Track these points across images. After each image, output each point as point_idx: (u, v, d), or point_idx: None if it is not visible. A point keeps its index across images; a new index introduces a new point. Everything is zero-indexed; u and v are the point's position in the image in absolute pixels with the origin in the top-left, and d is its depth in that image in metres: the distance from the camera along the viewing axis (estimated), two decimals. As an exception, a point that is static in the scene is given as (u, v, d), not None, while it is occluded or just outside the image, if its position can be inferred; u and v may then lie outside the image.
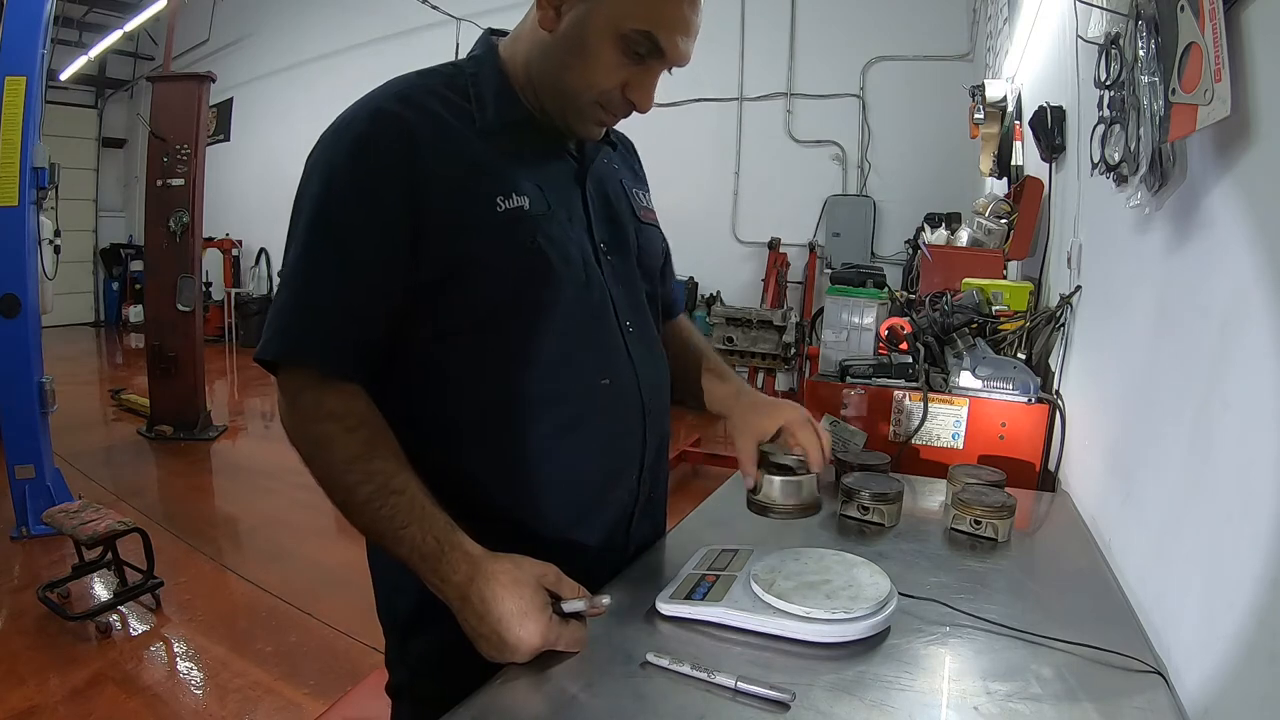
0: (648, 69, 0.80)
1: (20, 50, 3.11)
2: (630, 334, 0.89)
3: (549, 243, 0.80)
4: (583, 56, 0.78)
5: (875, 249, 6.49)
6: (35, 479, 3.26)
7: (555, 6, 0.78)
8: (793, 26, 6.70)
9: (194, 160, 4.92)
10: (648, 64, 0.79)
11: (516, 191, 0.79)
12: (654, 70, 0.80)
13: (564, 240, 0.83)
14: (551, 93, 0.83)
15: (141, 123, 6.46)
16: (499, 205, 0.78)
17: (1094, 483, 1.26)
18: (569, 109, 0.83)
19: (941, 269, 2.37)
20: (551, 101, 0.83)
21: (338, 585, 2.94)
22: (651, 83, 0.81)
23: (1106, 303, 1.36)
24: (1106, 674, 0.72)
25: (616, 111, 0.83)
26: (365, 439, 0.75)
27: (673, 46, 0.78)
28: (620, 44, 0.77)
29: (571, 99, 0.81)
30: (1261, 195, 0.72)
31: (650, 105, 0.82)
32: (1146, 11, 0.91)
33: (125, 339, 9.73)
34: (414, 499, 0.73)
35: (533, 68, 0.83)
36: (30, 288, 3.21)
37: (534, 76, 0.83)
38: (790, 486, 0.96)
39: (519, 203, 0.79)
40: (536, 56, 0.82)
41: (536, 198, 0.81)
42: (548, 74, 0.82)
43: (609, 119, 0.85)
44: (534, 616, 0.68)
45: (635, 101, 0.81)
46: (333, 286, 0.76)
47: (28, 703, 2.12)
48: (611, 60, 0.78)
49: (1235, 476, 0.71)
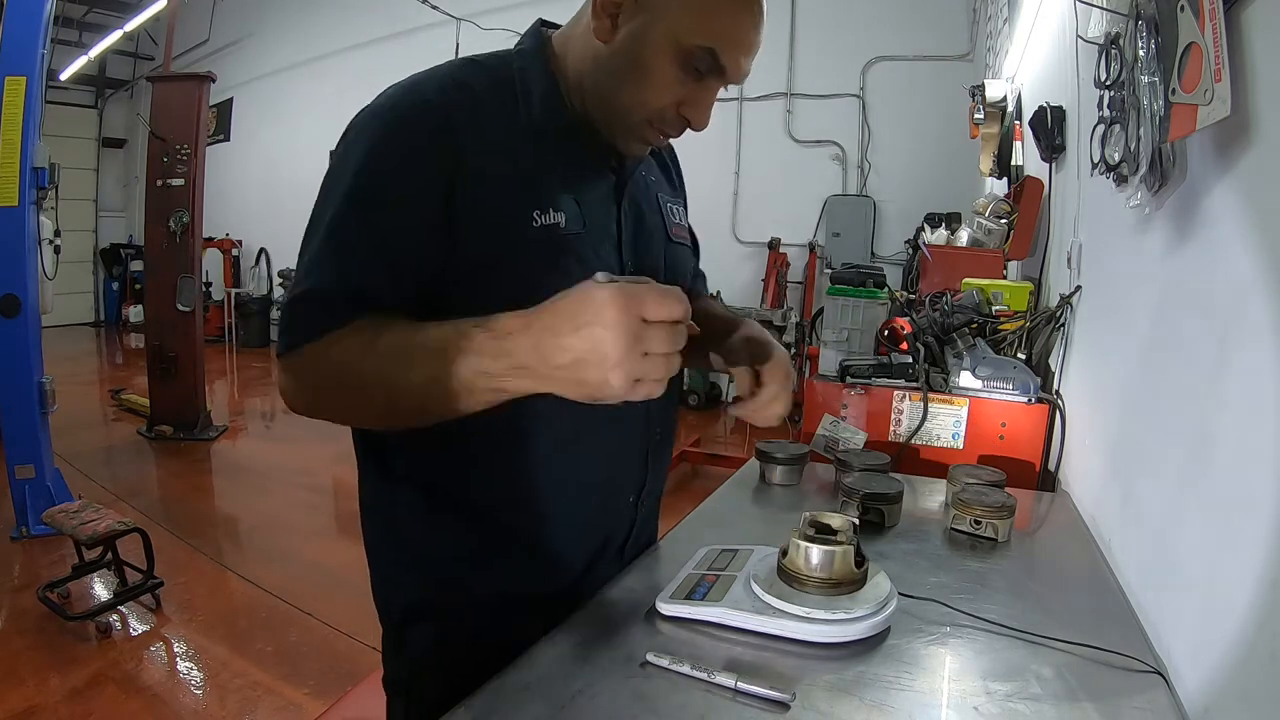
0: (705, 87, 0.76)
1: (20, 50, 3.11)
2: None
3: (579, 265, 0.77)
4: (640, 72, 0.75)
5: (875, 249, 6.49)
6: (35, 479, 3.26)
7: (611, 16, 0.75)
8: (793, 26, 6.70)
9: (194, 160, 4.93)
10: (706, 82, 0.76)
11: (554, 207, 0.76)
12: (712, 89, 0.77)
13: (592, 259, 0.79)
14: (603, 106, 0.79)
15: (141, 123, 6.46)
16: (535, 220, 0.75)
17: (1094, 483, 1.26)
18: (618, 125, 0.79)
19: (941, 269, 2.37)
20: (601, 115, 0.80)
21: (338, 585, 2.94)
22: (709, 102, 0.77)
23: (1106, 303, 1.36)
24: (1106, 674, 0.72)
25: (670, 131, 0.80)
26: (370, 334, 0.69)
27: (734, 65, 0.74)
28: (681, 60, 0.73)
29: (623, 115, 0.78)
30: (1261, 195, 0.72)
31: (706, 125, 0.79)
32: (1146, 11, 0.91)
33: (125, 339, 9.74)
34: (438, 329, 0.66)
35: (585, 78, 0.79)
36: (30, 288, 3.21)
37: (586, 87, 0.79)
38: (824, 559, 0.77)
39: (555, 219, 0.76)
40: (589, 67, 0.78)
41: (573, 216, 0.78)
42: (600, 86, 0.78)
43: (659, 139, 0.81)
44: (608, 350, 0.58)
45: (691, 120, 0.78)
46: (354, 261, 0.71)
47: (28, 703, 2.12)
48: (670, 77, 0.74)
49: (1235, 476, 0.71)
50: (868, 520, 1.09)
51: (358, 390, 0.70)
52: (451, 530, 0.83)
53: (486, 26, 6.90)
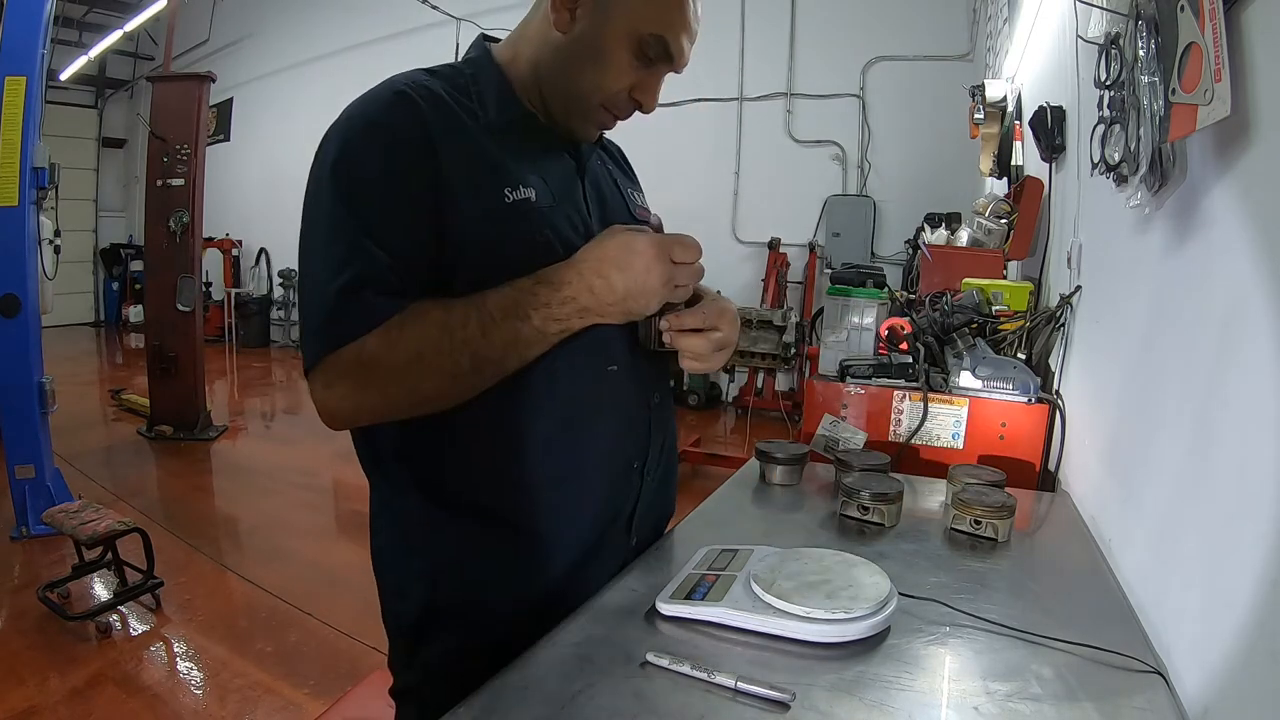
0: (654, 72, 0.85)
1: (20, 50, 3.11)
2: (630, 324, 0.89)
3: (555, 234, 0.82)
4: (597, 59, 0.82)
5: (875, 249, 6.49)
6: (35, 479, 3.26)
7: (570, 9, 0.81)
8: (793, 26, 6.70)
9: (194, 160, 4.93)
10: (655, 67, 0.84)
11: (523, 184, 0.81)
12: (660, 74, 0.85)
13: (568, 231, 0.84)
14: (559, 93, 0.85)
15: (141, 123, 6.46)
16: (507, 196, 0.79)
17: (1094, 483, 1.26)
18: (574, 110, 0.86)
19: (941, 269, 2.37)
20: (557, 102, 0.86)
21: (338, 585, 2.94)
22: (657, 85, 0.86)
23: (1106, 303, 1.36)
24: (1106, 674, 0.72)
25: (621, 113, 0.88)
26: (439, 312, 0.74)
27: (680, 51, 0.83)
28: (635, 47, 0.81)
29: (580, 100, 0.85)
30: (1261, 195, 0.72)
31: (655, 107, 0.87)
32: (1146, 11, 0.91)
33: (125, 339, 9.74)
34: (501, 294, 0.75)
35: (541, 68, 0.85)
36: (30, 288, 3.21)
37: (542, 77, 0.85)
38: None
39: (526, 194, 0.81)
40: (547, 57, 0.85)
41: (542, 191, 0.83)
42: (558, 74, 0.85)
43: (611, 121, 0.89)
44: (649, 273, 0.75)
45: (642, 103, 0.86)
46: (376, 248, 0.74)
47: (28, 703, 2.12)
48: (624, 63, 0.82)
49: (1235, 476, 0.71)
50: (868, 520, 1.09)
51: (440, 364, 0.73)
52: (460, 533, 0.83)
53: (486, 27, 6.90)
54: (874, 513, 1.09)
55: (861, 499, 1.09)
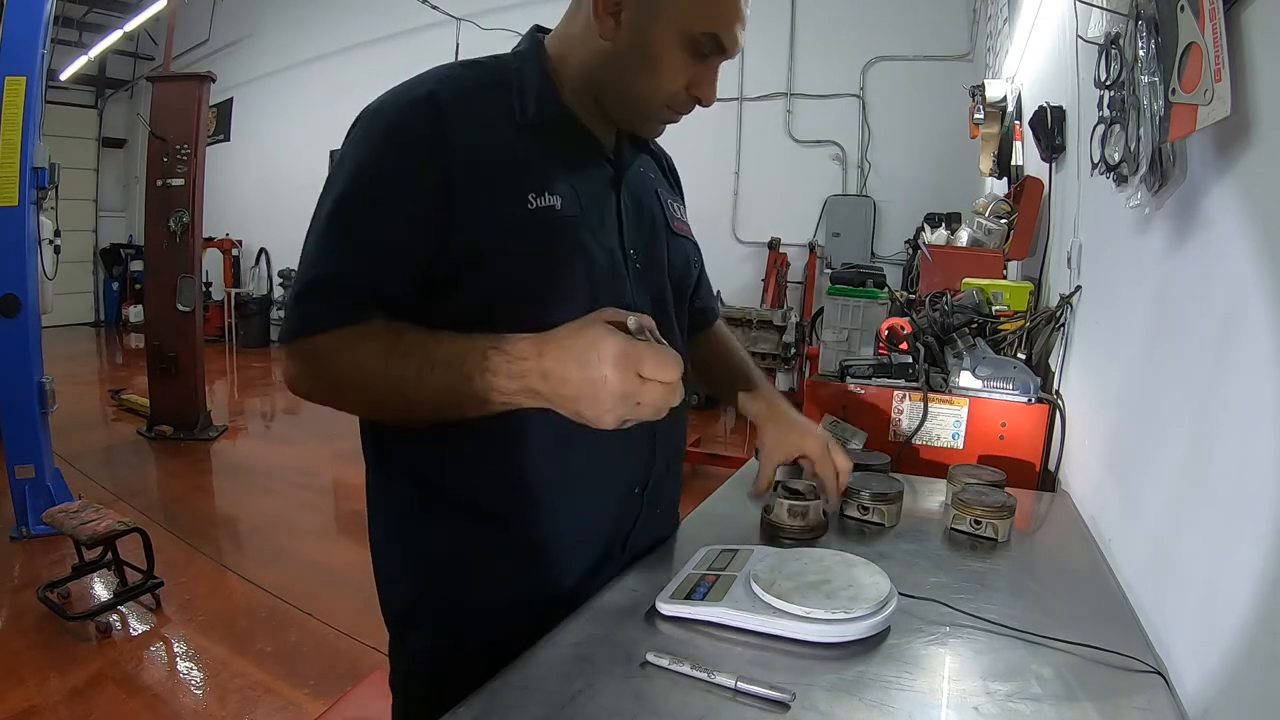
0: (709, 66, 0.82)
1: (20, 50, 3.11)
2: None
3: (575, 245, 0.80)
4: (650, 63, 0.80)
5: (875, 249, 6.49)
6: (35, 479, 3.26)
7: (613, 14, 0.79)
8: (793, 26, 6.70)
9: (194, 160, 4.93)
10: (710, 61, 0.82)
11: (550, 190, 0.79)
12: (715, 65, 0.83)
13: (592, 245, 0.82)
14: (617, 98, 0.84)
15: (141, 123, 6.46)
16: (530, 202, 0.77)
17: (1094, 483, 1.26)
18: (636, 114, 0.85)
19: (941, 269, 2.37)
20: (616, 106, 0.85)
21: (338, 585, 2.94)
22: (714, 78, 0.84)
23: (1106, 303, 1.36)
24: (1106, 674, 0.72)
25: (684, 110, 0.86)
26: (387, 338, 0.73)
27: (734, 42, 0.81)
28: (687, 47, 0.79)
29: (639, 104, 0.84)
30: (1261, 195, 0.72)
31: (714, 99, 0.85)
32: (1146, 11, 0.91)
33: (125, 339, 9.74)
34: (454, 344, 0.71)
35: (593, 73, 0.84)
36: (30, 288, 3.21)
37: (596, 82, 0.84)
38: (797, 510, 1.03)
39: (551, 201, 0.79)
40: (597, 65, 0.83)
41: (570, 199, 0.80)
42: (612, 80, 0.83)
43: (676, 118, 0.87)
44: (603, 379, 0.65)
45: (702, 98, 0.84)
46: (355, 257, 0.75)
47: (28, 703, 2.12)
48: (679, 63, 0.80)
49: (1235, 477, 0.71)
50: (868, 520, 1.09)
51: (371, 390, 0.74)
52: (452, 530, 0.83)
53: (487, 26, 6.90)
54: (874, 513, 1.09)
55: (861, 499, 1.09)
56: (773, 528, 1.04)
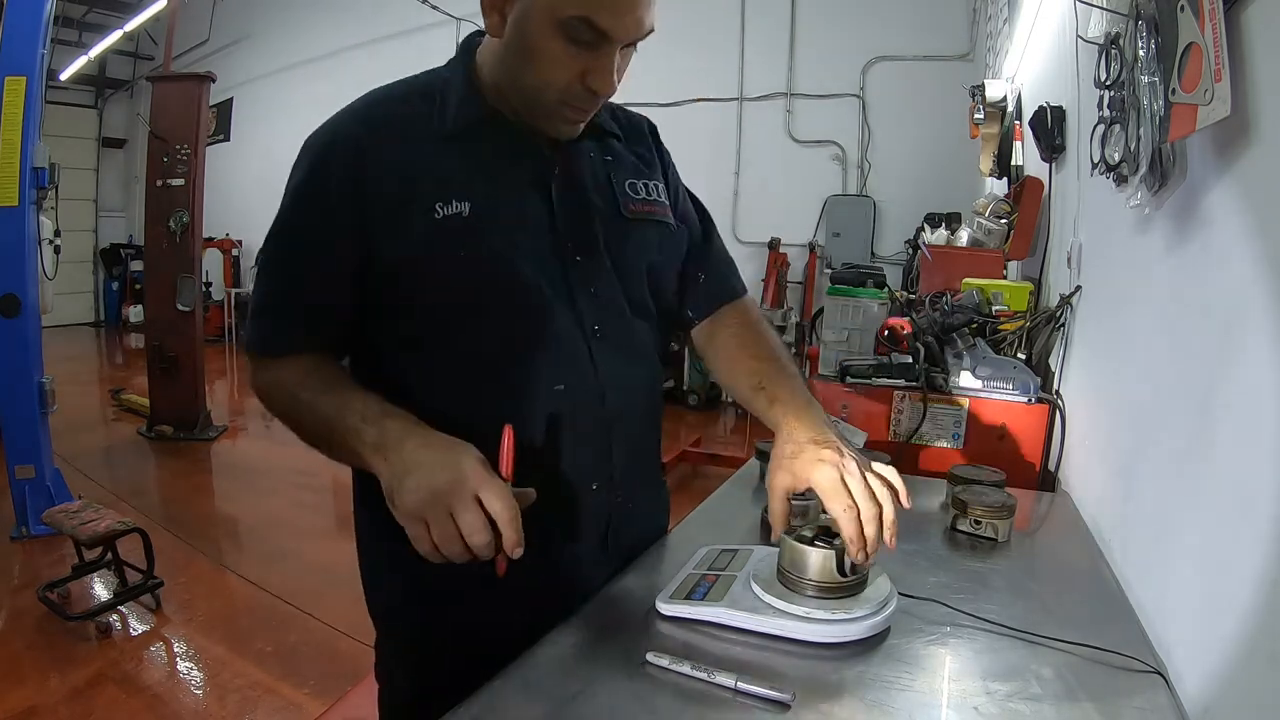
0: (601, 54, 0.76)
1: (20, 50, 3.11)
2: (597, 338, 0.85)
3: (488, 249, 0.79)
4: (531, 55, 0.77)
5: (875, 249, 6.49)
6: (35, 479, 3.26)
7: (498, 10, 0.77)
8: (793, 26, 6.69)
9: (194, 160, 4.92)
10: (599, 48, 0.76)
11: (458, 198, 0.79)
12: (608, 54, 0.76)
13: (508, 246, 0.81)
14: (518, 98, 0.82)
15: (141, 123, 6.46)
16: (437, 212, 0.78)
17: (1094, 483, 1.26)
18: (537, 111, 0.82)
19: (941, 269, 2.37)
20: (522, 106, 0.83)
21: (338, 585, 2.94)
22: (607, 67, 0.77)
23: (1106, 303, 1.36)
24: (1106, 674, 0.72)
25: (582, 103, 0.81)
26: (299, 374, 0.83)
27: (614, 25, 0.74)
28: (562, 34, 0.74)
29: (535, 100, 0.80)
30: (1261, 195, 0.72)
31: (612, 89, 0.79)
32: (1146, 11, 0.91)
33: (125, 339, 9.73)
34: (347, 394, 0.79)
35: (496, 74, 0.83)
36: (30, 288, 3.21)
37: (499, 83, 0.83)
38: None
39: (458, 209, 0.79)
40: (496, 64, 0.82)
41: (483, 203, 0.80)
42: (507, 80, 0.81)
43: (578, 114, 0.82)
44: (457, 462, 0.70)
45: (596, 88, 0.78)
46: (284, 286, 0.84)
47: (28, 703, 2.12)
48: (559, 52, 0.75)
49: (1235, 477, 0.71)
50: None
51: (285, 411, 0.84)
52: None
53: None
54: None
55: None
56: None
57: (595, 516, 0.89)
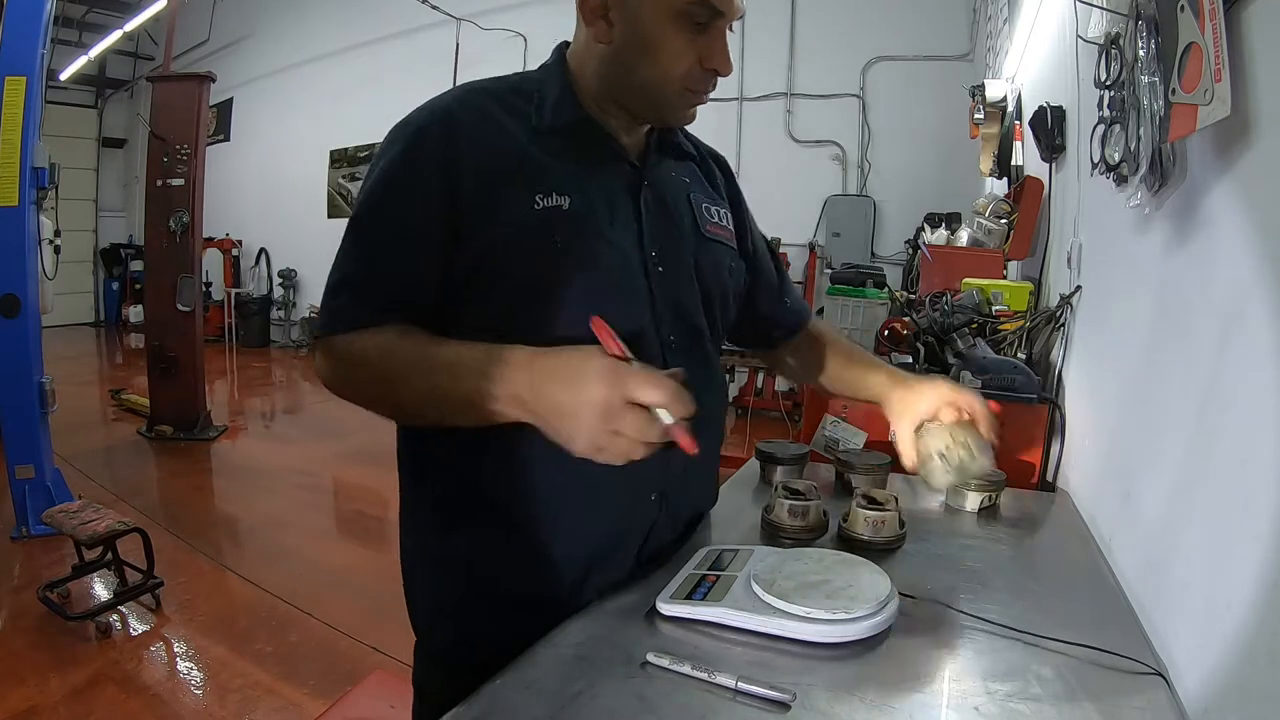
0: (714, 33, 0.80)
1: (20, 50, 3.11)
2: (672, 347, 0.87)
3: (582, 245, 0.80)
4: (651, 51, 0.79)
5: (875, 249, 6.49)
6: (35, 479, 3.26)
7: (603, 17, 0.80)
8: (793, 26, 6.70)
9: (194, 160, 4.93)
10: (712, 27, 0.79)
11: (558, 191, 0.80)
12: (720, 31, 0.81)
13: (602, 245, 0.82)
14: (635, 96, 0.84)
15: (141, 123, 6.46)
16: (537, 203, 0.79)
17: (1094, 483, 1.26)
18: (658, 105, 0.84)
19: (941, 269, 2.37)
20: (638, 105, 0.85)
21: (338, 585, 2.95)
22: (723, 45, 0.81)
23: (1106, 303, 1.36)
24: (1106, 674, 0.72)
25: (704, 87, 0.84)
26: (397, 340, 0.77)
27: (728, 1, 0.78)
28: (681, 22, 0.78)
29: (657, 94, 0.82)
30: (1261, 195, 0.72)
31: (731, 67, 0.82)
32: (1146, 11, 0.91)
33: (125, 339, 9.73)
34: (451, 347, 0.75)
35: (606, 80, 0.84)
36: (30, 288, 3.21)
37: (612, 88, 0.84)
38: (798, 510, 1.03)
39: (558, 202, 0.79)
40: (605, 70, 0.84)
41: (580, 199, 0.81)
42: (622, 81, 0.83)
43: (700, 98, 0.85)
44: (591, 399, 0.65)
45: (718, 69, 0.81)
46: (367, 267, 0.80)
47: (28, 703, 2.12)
48: (680, 41, 0.79)
49: (1235, 476, 0.71)
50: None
51: (379, 387, 0.78)
52: (473, 537, 0.85)
53: (486, 26, 6.90)
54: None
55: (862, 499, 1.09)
56: (773, 528, 1.04)
57: (641, 525, 0.89)
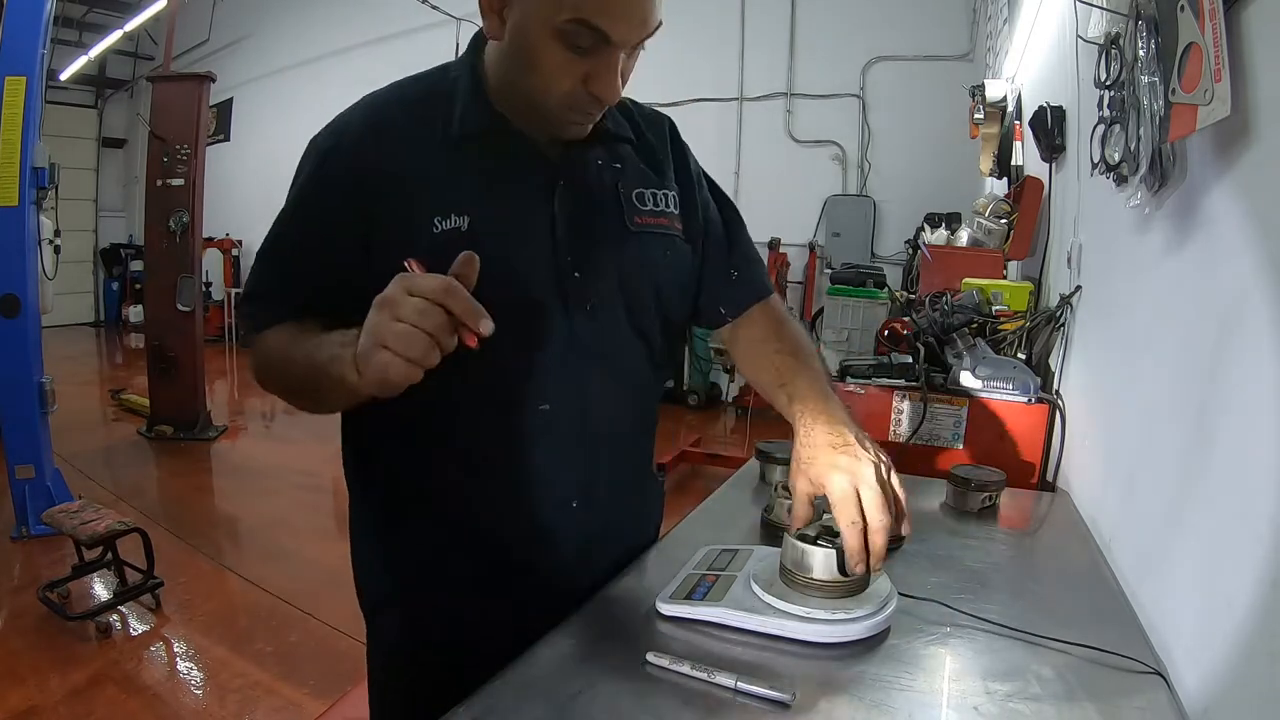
0: (603, 58, 0.72)
1: (20, 50, 3.11)
2: (589, 357, 0.83)
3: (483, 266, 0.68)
4: (531, 61, 0.73)
5: (875, 249, 6.49)
6: (35, 479, 3.26)
7: (497, 13, 0.74)
8: (793, 26, 6.70)
9: (194, 160, 4.93)
10: (601, 53, 0.72)
11: (457, 211, 0.77)
12: (611, 58, 0.72)
13: (503, 263, 0.74)
14: (519, 101, 0.79)
15: (141, 123, 6.46)
16: (435, 226, 0.76)
17: (1094, 482, 1.26)
18: (543, 117, 0.79)
19: (941, 269, 2.37)
20: (525, 111, 0.80)
21: (338, 585, 2.93)
22: (611, 71, 0.73)
23: (1106, 302, 1.36)
24: (1106, 674, 0.72)
25: (587, 109, 0.78)
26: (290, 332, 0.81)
27: (615, 28, 0.70)
28: (561, 40, 0.71)
29: (538, 105, 0.77)
30: (1261, 195, 0.72)
31: (616, 95, 0.75)
32: (1146, 11, 0.91)
33: (125, 339, 9.73)
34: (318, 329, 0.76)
35: (499, 77, 0.81)
36: (30, 288, 3.21)
37: (502, 84, 0.80)
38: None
39: (457, 224, 0.76)
40: (500, 70, 0.80)
41: (483, 217, 0.77)
42: (509, 83, 0.79)
43: (584, 118, 0.79)
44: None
45: (599, 95, 0.74)
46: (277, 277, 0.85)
47: (28, 703, 2.12)
48: (558, 58, 0.72)
49: (1235, 476, 0.71)
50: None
51: (276, 376, 0.82)
52: (408, 525, 0.88)
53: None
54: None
55: None
56: (773, 528, 1.04)
57: (575, 532, 0.87)
